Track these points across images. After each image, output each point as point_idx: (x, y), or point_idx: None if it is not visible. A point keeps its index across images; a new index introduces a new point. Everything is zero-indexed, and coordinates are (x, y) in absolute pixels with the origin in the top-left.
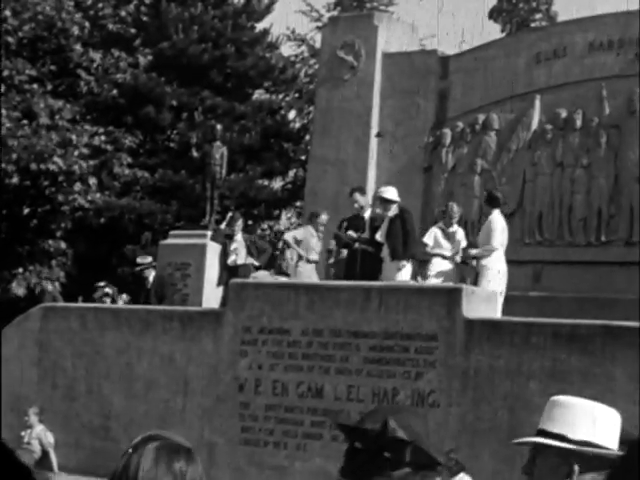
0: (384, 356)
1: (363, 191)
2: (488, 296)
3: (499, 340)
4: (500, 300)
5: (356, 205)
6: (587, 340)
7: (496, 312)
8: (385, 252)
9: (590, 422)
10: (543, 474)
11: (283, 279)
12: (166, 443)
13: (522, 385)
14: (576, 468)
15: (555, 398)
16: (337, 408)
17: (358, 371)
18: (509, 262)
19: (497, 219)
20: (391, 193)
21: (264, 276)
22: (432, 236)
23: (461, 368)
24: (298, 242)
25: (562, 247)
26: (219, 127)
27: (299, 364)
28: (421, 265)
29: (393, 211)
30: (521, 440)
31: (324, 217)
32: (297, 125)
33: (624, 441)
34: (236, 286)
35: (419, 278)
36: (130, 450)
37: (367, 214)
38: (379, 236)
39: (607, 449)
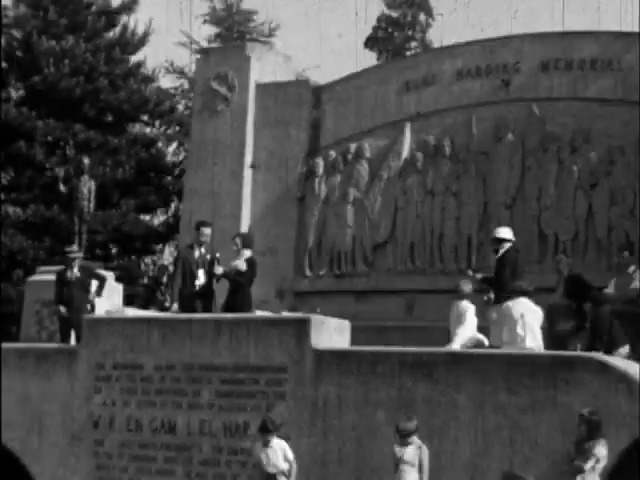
0: (235, 389)
1: (208, 224)
2: (339, 326)
3: (347, 370)
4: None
5: (203, 239)
6: (432, 368)
7: (346, 342)
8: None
9: None
10: None
11: (142, 313)
12: None
13: (370, 415)
14: None
15: None
16: (190, 443)
17: (210, 405)
18: (382, 292)
19: None
20: (507, 232)
21: (118, 311)
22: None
23: (310, 399)
24: None
25: (434, 275)
26: (87, 161)
27: (152, 399)
28: None
29: (503, 249)
30: None
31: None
32: (176, 158)
33: None
34: (90, 322)
35: None
36: None
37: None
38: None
39: None
